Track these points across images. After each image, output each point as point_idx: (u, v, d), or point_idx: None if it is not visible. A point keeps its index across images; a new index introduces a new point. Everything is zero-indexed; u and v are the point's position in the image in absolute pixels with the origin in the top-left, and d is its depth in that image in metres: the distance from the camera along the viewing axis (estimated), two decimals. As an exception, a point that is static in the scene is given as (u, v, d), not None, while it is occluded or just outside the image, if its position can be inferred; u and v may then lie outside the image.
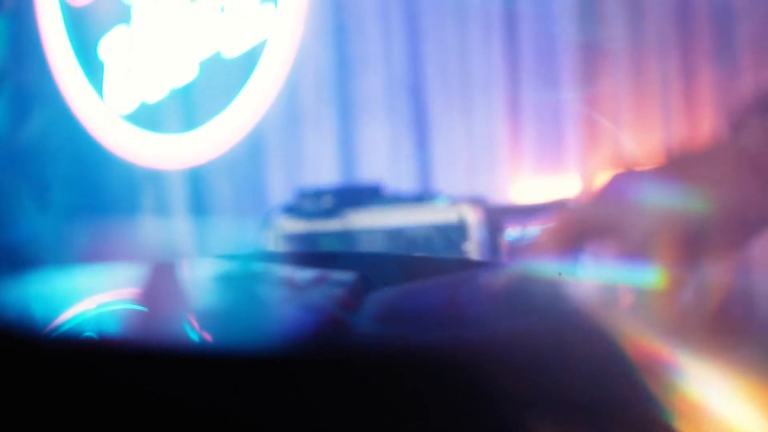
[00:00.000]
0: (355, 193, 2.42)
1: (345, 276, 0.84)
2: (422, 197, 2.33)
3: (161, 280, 0.50)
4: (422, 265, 1.00)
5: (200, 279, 0.61)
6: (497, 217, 2.07)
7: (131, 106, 3.44)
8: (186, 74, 3.27)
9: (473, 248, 2.03)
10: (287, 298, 0.63)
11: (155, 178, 3.40)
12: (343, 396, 0.41)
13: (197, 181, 3.31)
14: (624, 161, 0.68)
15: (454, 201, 2.19)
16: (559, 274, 0.65)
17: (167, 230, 3.11)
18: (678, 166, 0.64)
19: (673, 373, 0.45)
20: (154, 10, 3.36)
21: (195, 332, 0.48)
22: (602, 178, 0.67)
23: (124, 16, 3.43)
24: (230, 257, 0.81)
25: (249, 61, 3.12)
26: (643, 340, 0.47)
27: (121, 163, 3.48)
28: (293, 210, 2.41)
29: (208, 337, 0.48)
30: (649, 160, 0.67)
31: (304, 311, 0.61)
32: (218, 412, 0.41)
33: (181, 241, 3.01)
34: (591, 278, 0.65)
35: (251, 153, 3.16)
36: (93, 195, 3.51)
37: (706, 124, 2.12)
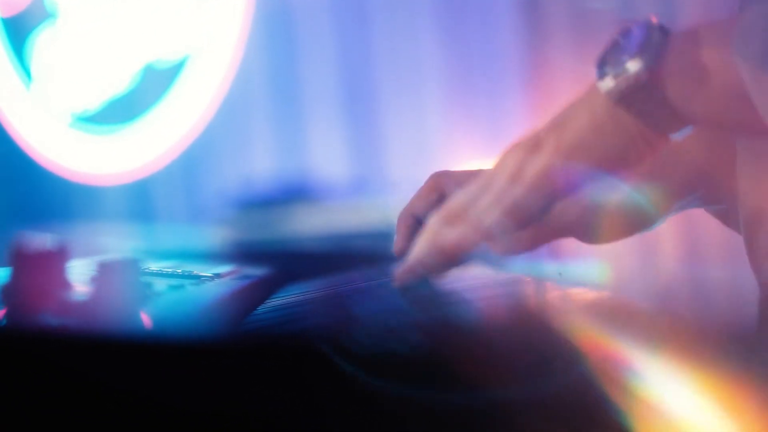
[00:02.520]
0: (293, 193, 2.43)
1: (255, 270, 0.86)
2: (363, 196, 2.35)
3: (23, 276, 0.52)
4: (341, 262, 1.02)
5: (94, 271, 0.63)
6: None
7: (67, 114, 3.42)
8: (122, 83, 3.26)
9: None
10: (185, 288, 0.65)
11: (94, 187, 3.37)
12: (230, 383, 0.43)
13: (140, 187, 3.29)
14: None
15: (395, 198, 2.21)
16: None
17: (108, 236, 3.09)
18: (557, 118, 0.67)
19: (629, 373, 0.43)
20: (86, 16, 3.34)
21: (76, 320, 0.50)
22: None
23: (53, 21, 3.41)
24: (141, 253, 0.84)
25: (182, 67, 3.13)
26: (595, 338, 0.45)
27: (57, 172, 3.45)
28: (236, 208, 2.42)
29: (93, 325, 0.50)
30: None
31: (199, 301, 0.63)
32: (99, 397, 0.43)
33: (122, 247, 2.98)
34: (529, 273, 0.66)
35: (195, 156, 3.15)
36: (26, 202, 3.47)
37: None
